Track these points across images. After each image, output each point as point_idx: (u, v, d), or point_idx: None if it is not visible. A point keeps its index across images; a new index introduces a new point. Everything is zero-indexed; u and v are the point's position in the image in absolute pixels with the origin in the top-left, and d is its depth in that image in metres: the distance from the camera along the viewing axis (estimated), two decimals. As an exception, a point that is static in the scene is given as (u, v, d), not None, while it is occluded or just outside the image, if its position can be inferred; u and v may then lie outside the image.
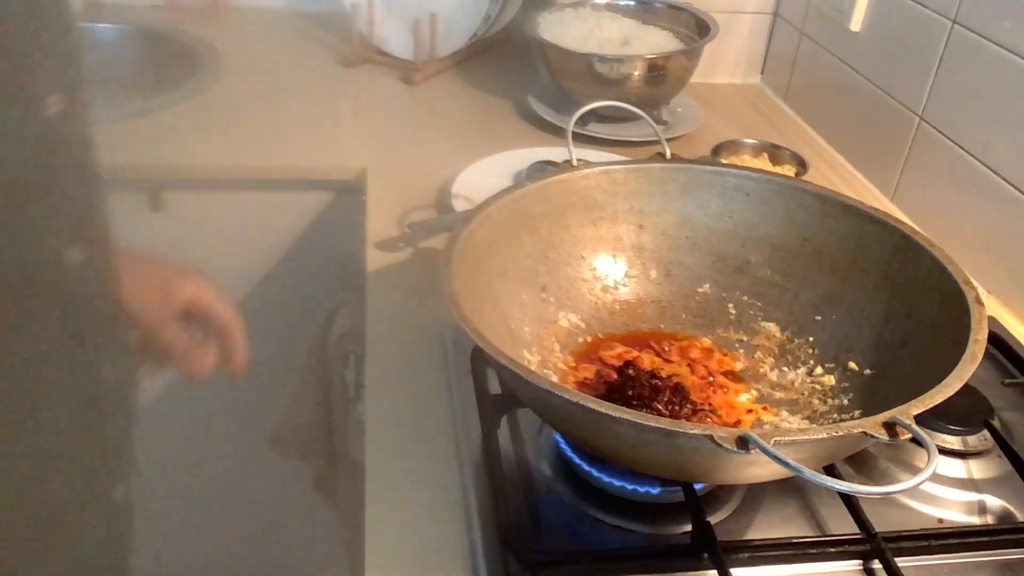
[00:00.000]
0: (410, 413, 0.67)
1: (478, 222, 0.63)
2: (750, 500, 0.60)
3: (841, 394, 0.63)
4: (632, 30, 1.17)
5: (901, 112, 1.02)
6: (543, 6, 1.19)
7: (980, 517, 0.61)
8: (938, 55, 0.95)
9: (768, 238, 0.71)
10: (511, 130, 1.15)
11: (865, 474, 0.63)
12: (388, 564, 0.54)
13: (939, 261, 0.59)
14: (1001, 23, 0.86)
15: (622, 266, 0.73)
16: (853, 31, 1.11)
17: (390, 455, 0.63)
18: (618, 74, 1.08)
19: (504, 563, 0.52)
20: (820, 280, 0.68)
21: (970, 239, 0.91)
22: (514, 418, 0.66)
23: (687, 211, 0.72)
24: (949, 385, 0.48)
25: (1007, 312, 0.85)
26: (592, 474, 0.59)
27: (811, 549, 0.55)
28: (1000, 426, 0.65)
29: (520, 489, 0.60)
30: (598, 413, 0.45)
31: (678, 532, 0.57)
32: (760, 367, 0.68)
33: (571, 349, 0.68)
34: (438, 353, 0.73)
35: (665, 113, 1.17)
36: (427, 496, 0.59)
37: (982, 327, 0.53)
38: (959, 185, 0.92)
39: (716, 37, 1.12)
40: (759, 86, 1.38)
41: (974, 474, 0.64)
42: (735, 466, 0.49)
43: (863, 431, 0.44)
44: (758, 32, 1.34)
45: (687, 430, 0.44)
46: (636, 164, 0.73)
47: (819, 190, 0.69)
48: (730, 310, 0.71)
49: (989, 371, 0.73)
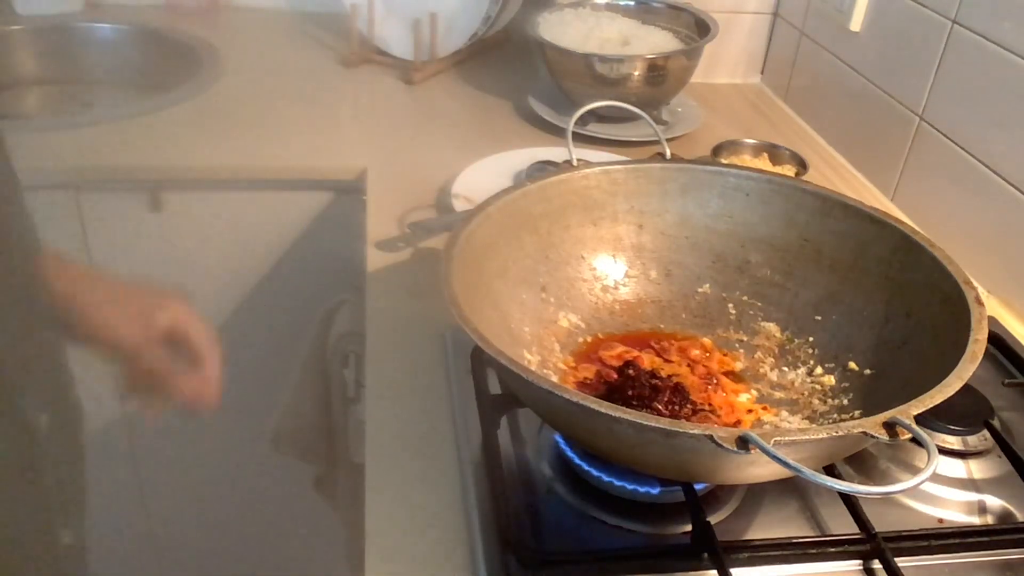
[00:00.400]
0: (410, 413, 0.67)
1: (478, 222, 0.63)
2: (750, 500, 0.60)
3: (841, 394, 0.63)
4: (632, 30, 1.17)
5: (901, 112, 1.02)
6: (543, 6, 1.19)
7: (980, 517, 0.61)
8: (938, 55, 0.95)
9: (768, 238, 0.71)
10: (511, 130, 1.15)
11: (865, 474, 0.63)
12: (388, 564, 0.54)
13: (939, 261, 0.59)
14: (1001, 23, 0.86)
15: (622, 266, 0.73)
16: (853, 31, 1.11)
17: (390, 455, 0.63)
18: (618, 74, 1.08)
19: (504, 563, 0.52)
20: (820, 280, 0.68)
21: (970, 239, 0.91)
22: (514, 418, 0.66)
23: (687, 211, 0.72)
24: (949, 385, 0.48)
25: (1007, 312, 0.85)
26: (592, 474, 0.59)
27: (811, 549, 0.55)
28: (1000, 426, 0.65)
29: (520, 489, 0.60)
30: (598, 413, 0.45)
31: (678, 532, 0.57)
32: (760, 367, 0.67)
33: (571, 349, 0.68)
34: (438, 353, 0.73)
35: (665, 113, 1.17)
36: (427, 496, 0.59)
37: (982, 327, 0.53)
38: (959, 185, 0.92)
39: (716, 37, 1.12)
40: (759, 86, 1.38)
41: (974, 474, 0.64)
42: (735, 466, 0.49)
43: (863, 431, 0.44)
44: (758, 32, 1.34)
45: (687, 430, 0.44)
46: (636, 164, 0.73)
47: (819, 190, 0.69)
48: (730, 310, 0.71)
49: (989, 371, 0.73)
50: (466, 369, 0.68)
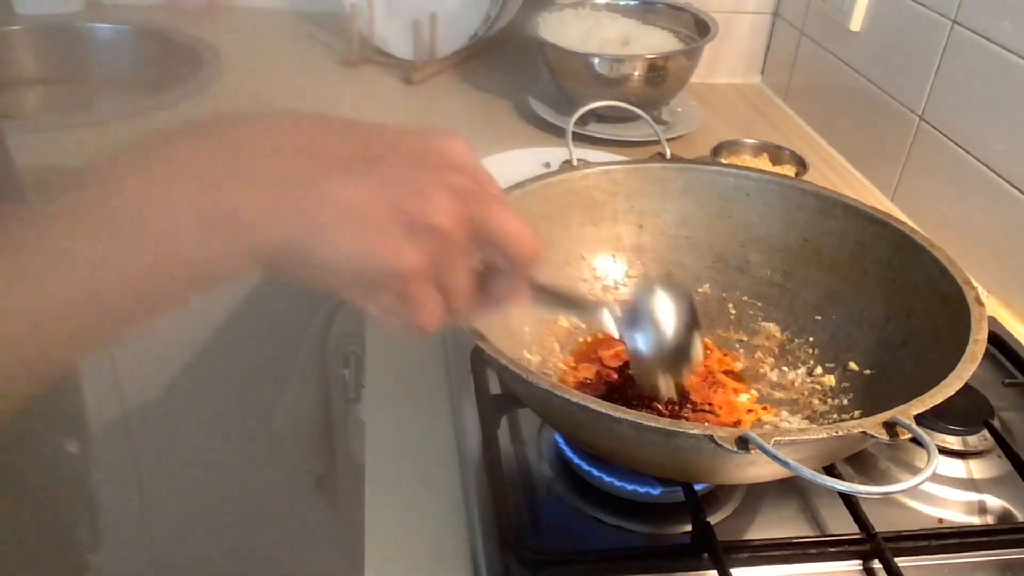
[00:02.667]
0: (410, 413, 0.67)
1: (478, 222, 0.63)
2: (750, 500, 0.60)
3: (841, 394, 0.63)
4: (632, 30, 1.17)
5: (901, 112, 1.02)
6: (543, 6, 1.19)
7: (980, 517, 0.61)
8: (938, 55, 0.95)
9: (768, 238, 0.71)
10: (511, 130, 1.15)
11: (865, 474, 0.63)
12: (388, 564, 0.54)
13: (939, 261, 0.59)
14: (1001, 23, 0.86)
15: (622, 266, 0.73)
16: (853, 31, 1.11)
17: (390, 455, 0.63)
18: (618, 74, 1.08)
19: (504, 563, 0.52)
20: (820, 280, 0.68)
21: (970, 239, 0.91)
22: (514, 418, 0.66)
23: (687, 211, 0.72)
24: (949, 385, 0.48)
25: (1007, 312, 0.85)
26: (592, 474, 0.59)
27: (811, 549, 0.55)
28: (1000, 426, 0.65)
29: (520, 489, 0.60)
30: (598, 413, 0.45)
31: (678, 532, 0.57)
32: (760, 367, 0.67)
33: (571, 349, 0.68)
34: (438, 353, 0.73)
35: (665, 113, 1.17)
36: (427, 496, 0.59)
37: (982, 327, 0.52)
38: (959, 185, 0.92)
39: (716, 37, 1.12)
40: (759, 86, 1.38)
41: (974, 474, 0.64)
42: (735, 466, 0.49)
43: (863, 431, 0.44)
44: (758, 32, 1.34)
45: (687, 430, 0.44)
46: (636, 164, 0.73)
47: (819, 190, 0.69)
48: (730, 310, 0.71)
49: (989, 371, 0.73)
50: (466, 369, 0.68)
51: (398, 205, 0.34)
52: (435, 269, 0.36)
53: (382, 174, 0.35)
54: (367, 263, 0.34)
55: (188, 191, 0.32)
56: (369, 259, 0.34)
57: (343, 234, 0.33)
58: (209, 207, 0.32)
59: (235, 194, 0.32)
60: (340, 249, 0.33)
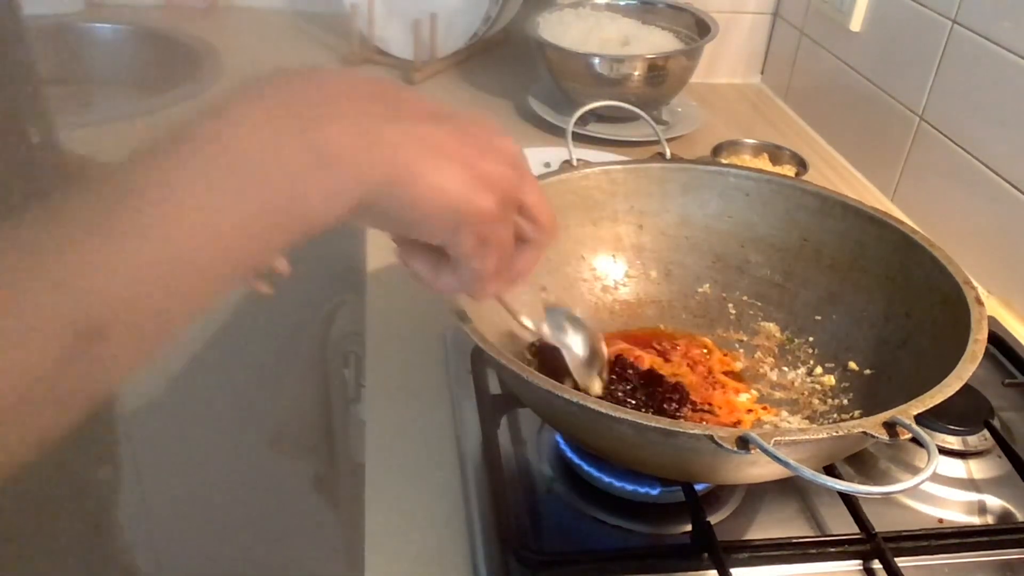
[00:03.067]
0: (410, 413, 0.67)
1: (478, 222, 0.63)
2: (750, 500, 0.60)
3: (841, 394, 0.63)
4: (632, 30, 1.17)
5: (901, 112, 1.02)
6: (543, 6, 1.19)
7: (980, 517, 0.61)
8: (938, 55, 0.95)
9: (768, 238, 0.71)
10: (511, 130, 1.15)
11: (865, 474, 0.63)
12: (388, 564, 0.54)
13: (939, 261, 0.59)
14: (1001, 23, 0.86)
15: (622, 266, 0.73)
16: (853, 31, 1.11)
17: (390, 455, 0.63)
18: (618, 74, 1.08)
19: (504, 563, 0.52)
20: (820, 280, 0.68)
21: (970, 239, 0.91)
22: (514, 418, 0.66)
23: (687, 211, 0.72)
24: (949, 385, 0.48)
25: (1007, 312, 0.85)
26: (592, 474, 0.59)
27: (811, 549, 0.55)
28: (1000, 426, 0.65)
29: (520, 489, 0.60)
30: (598, 413, 0.45)
31: (678, 532, 0.57)
32: (760, 367, 0.67)
33: (571, 349, 0.68)
34: (438, 353, 0.73)
35: (665, 113, 1.17)
36: (427, 496, 0.59)
37: (982, 327, 0.53)
38: (959, 185, 0.92)
39: (716, 37, 1.12)
40: (759, 86, 1.38)
41: (974, 474, 0.64)
42: (735, 466, 0.49)
43: (863, 431, 0.44)
44: (758, 32, 1.34)
45: (687, 430, 0.44)
46: (636, 164, 0.73)
47: (819, 190, 0.69)
48: (730, 310, 0.71)
49: (989, 371, 0.73)
50: (466, 369, 0.68)
51: (474, 155, 0.37)
52: (503, 219, 0.39)
53: (456, 127, 0.38)
54: (460, 197, 0.36)
55: (292, 130, 0.33)
56: (461, 194, 0.36)
57: (439, 168, 0.36)
58: (318, 145, 0.33)
59: (338, 133, 0.34)
60: (435, 183, 0.35)
